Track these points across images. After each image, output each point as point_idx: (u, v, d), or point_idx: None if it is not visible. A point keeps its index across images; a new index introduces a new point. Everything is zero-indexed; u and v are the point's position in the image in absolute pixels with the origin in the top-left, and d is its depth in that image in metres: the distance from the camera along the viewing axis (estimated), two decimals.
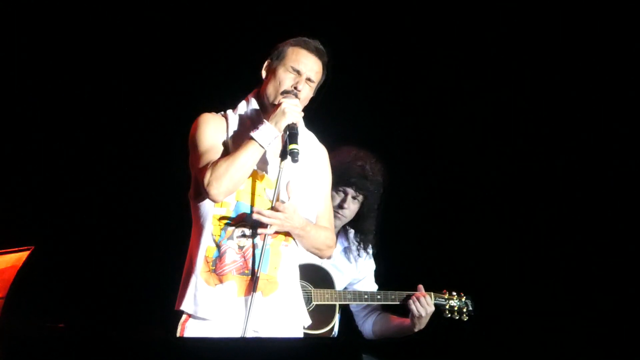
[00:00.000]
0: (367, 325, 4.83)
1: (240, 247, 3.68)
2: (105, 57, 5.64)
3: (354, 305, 4.83)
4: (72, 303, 5.49)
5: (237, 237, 3.69)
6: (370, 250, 4.83)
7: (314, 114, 3.84)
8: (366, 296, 4.70)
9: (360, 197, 4.76)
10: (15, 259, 4.97)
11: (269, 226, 3.65)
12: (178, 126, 4.00)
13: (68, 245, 5.58)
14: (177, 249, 3.99)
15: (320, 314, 4.17)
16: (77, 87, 5.64)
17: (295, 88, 3.73)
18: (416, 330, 4.70)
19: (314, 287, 4.52)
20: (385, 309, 4.82)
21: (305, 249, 3.81)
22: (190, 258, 3.72)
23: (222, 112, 3.84)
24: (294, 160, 3.60)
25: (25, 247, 4.85)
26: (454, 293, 4.83)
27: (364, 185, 4.72)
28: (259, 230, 3.65)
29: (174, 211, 4.39)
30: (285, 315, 3.71)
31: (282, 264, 3.70)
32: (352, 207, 4.75)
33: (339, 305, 4.67)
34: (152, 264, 5.36)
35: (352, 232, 4.83)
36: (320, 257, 3.92)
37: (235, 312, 3.65)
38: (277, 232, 3.70)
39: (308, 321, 3.85)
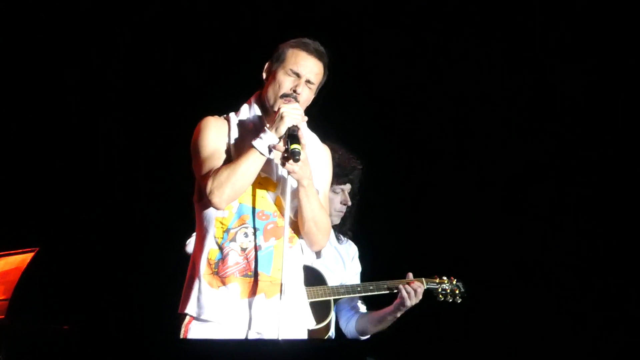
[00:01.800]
0: (351, 327, 4.83)
1: (243, 249, 3.67)
2: (109, 60, 5.64)
3: (339, 307, 4.82)
4: (76, 305, 5.49)
5: (240, 239, 3.69)
6: (347, 234, 4.86)
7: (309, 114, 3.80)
8: (359, 288, 4.71)
9: (351, 188, 4.80)
10: (20, 260, 4.97)
11: (277, 171, 3.65)
12: (181, 129, 3.99)
13: (72, 247, 5.58)
14: (180, 252, 3.99)
15: (315, 310, 4.16)
16: (82, 90, 5.65)
17: (295, 91, 3.71)
18: (399, 314, 4.69)
19: (307, 286, 4.53)
20: (368, 308, 4.83)
21: (304, 221, 3.69)
22: (193, 261, 3.71)
23: (225, 115, 3.82)
24: (295, 159, 3.59)
25: (30, 249, 4.85)
26: (444, 277, 4.84)
27: (357, 177, 4.77)
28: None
29: (178, 214, 4.38)
30: (288, 318, 3.69)
31: (287, 265, 3.67)
32: (350, 201, 4.80)
33: (333, 300, 4.68)
34: (156, 266, 5.36)
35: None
36: (313, 243, 3.77)
37: (238, 314, 3.64)
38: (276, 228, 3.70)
39: (312, 323, 3.84)
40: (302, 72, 3.71)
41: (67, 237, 5.60)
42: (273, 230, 3.70)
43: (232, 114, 3.80)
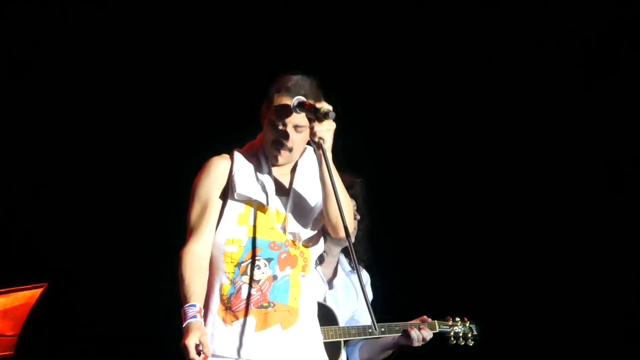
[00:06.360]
0: (355, 356, 4.81)
1: (256, 281, 3.65)
2: (128, 94, 5.64)
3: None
4: (86, 341, 5.47)
5: (252, 271, 3.66)
6: (361, 261, 4.85)
7: None
8: (370, 330, 4.68)
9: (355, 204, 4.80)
10: (29, 296, 4.97)
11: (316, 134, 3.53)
12: (196, 159, 3.96)
13: (82, 282, 5.56)
14: None
15: (326, 352, 4.14)
16: (95, 120, 5.65)
17: (285, 142, 3.67)
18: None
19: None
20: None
21: (326, 187, 3.59)
22: (207, 299, 3.69)
23: (231, 153, 3.81)
24: (332, 114, 3.50)
25: (39, 284, 4.85)
26: (458, 319, 4.83)
27: (359, 191, 4.77)
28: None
29: None
30: (303, 350, 3.68)
31: (302, 294, 3.68)
32: (357, 215, 4.80)
33: (344, 341, 4.65)
34: (169, 302, 5.31)
35: (342, 255, 4.87)
36: (335, 226, 3.64)
37: (253, 348, 3.62)
38: (294, 261, 3.68)
39: (325, 358, 3.81)
40: (287, 122, 3.65)
41: (76, 272, 5.57)
42: (287, 259, 3.68)
43: (236, 152, 3.80)
